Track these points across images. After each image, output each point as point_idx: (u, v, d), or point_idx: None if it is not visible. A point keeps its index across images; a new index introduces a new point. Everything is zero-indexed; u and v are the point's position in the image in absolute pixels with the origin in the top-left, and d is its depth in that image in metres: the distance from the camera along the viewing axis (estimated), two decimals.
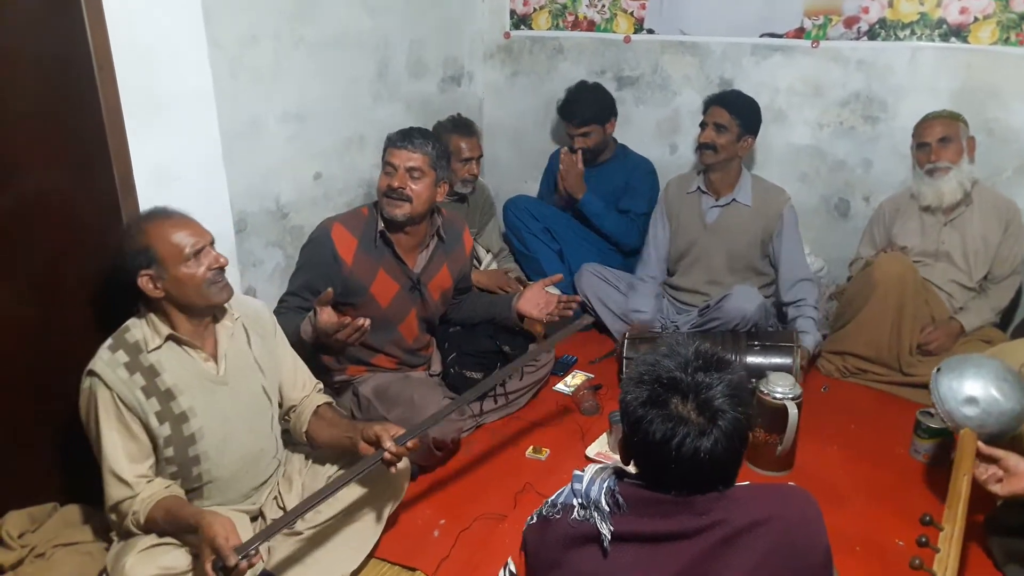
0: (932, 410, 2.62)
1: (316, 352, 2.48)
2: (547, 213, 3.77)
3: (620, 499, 1.37)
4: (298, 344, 2.34)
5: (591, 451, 2.68)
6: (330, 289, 2.28)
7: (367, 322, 2.29)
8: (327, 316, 2.27)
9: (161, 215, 1.88)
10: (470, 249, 2.91)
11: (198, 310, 1.92)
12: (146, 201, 2.23)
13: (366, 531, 2.17)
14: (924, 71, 3.30)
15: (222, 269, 1.91)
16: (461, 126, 3.45)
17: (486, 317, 2.92)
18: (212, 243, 1.92)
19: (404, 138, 2.55)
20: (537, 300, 2.82)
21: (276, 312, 2.48)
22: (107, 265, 1.86)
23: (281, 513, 2.08)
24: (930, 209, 3.13)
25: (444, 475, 2.60)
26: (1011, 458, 1.87)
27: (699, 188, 3.37)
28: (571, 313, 2.83)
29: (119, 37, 2.12)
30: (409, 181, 2.52)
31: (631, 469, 1.44)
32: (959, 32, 3.20)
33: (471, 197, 3.60)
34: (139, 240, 1.83)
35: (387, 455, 1.96)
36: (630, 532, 1.34)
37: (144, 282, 1.82)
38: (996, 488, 1.89)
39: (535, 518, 1.49)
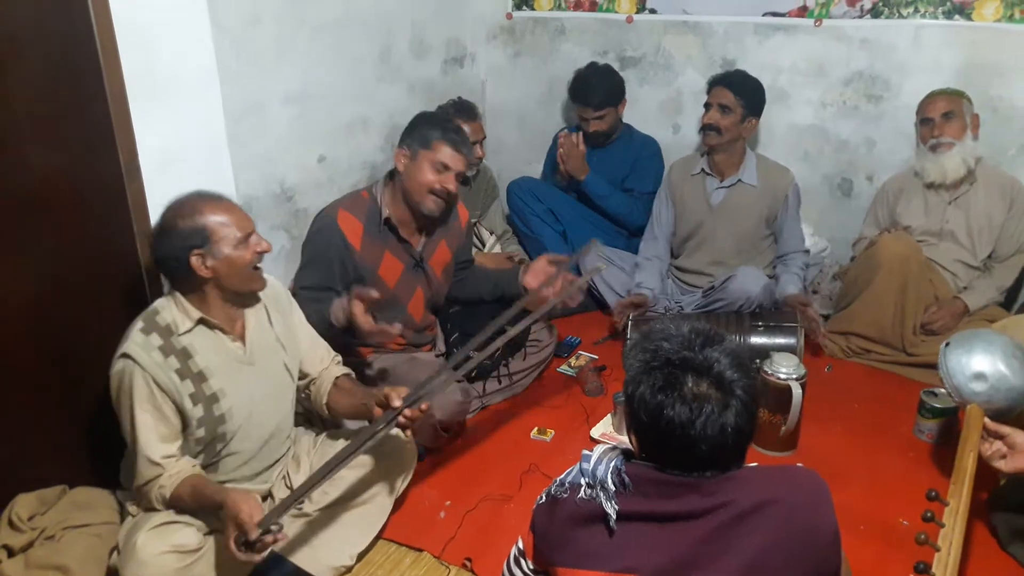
0: (936, 389, 2.63)
1: (340, 336, 2.47)
2: (550, 194, 3.77)
3: (626, 479, 1.36)
4: (324, 330, 2.37)
5: (596, 432, 2.69)
6: (375, 292, 2.31)
7: (398, 328, 2.35)
8: (363, 319, 2.30)
9: (213, 197, 1.91)
10: (466, 222, 2.92)
11: (237, 294, 1.96)
12: (151, 184, 2.23)
13: (373, 512, 2.19)
14: (928, 49, 3.28)
15: (262, 255, 1.95)
16: (464, 110, 3.43)
17: (494, 294, 2.91)
18: (255, 229, 1.96)
19: (463, 141, 2.56)
20: (542, 274, 2.81)
21: None
22: (156, 242, 1.90)
23: (289, 492, 2.10)
24: (934, 186, 3.12)
25: (450, 456, 2.61)
26: (1017, 435, 1.87)
27: (703, 170, 3.35)
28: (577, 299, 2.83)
29: (122, 19, 2.12)
30: (456, 182, 2.56)
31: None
32: (963, 9, 3.18)
33: (474, 180, 3.59)
34: (194, 219, 1.85)
35: (402, 419, 1.99)
36: (636, 512, 1.35)
37: (195, 261, 1.85)
38: (1000, 464, 1.89)
39: (544, 497, 1.49)
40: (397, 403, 1.98)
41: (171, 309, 1.91)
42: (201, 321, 1.91)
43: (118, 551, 1.89)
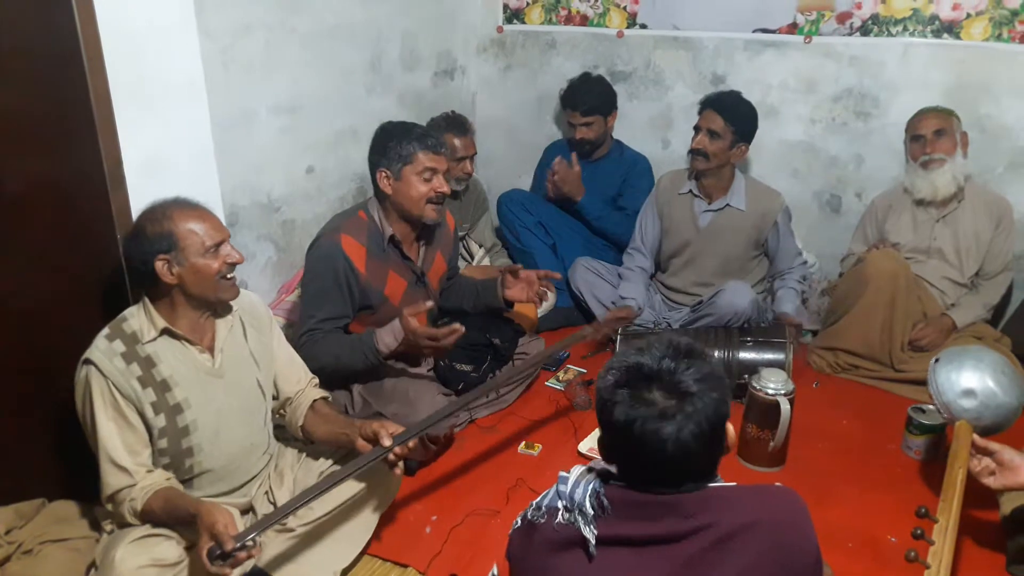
0: (924, 406, 2.63)
1: (382, 364, 2.53)
2: (541, 207, 3.76)
3: (605, 501, 1.33)
4: (355, 361, 2.47)
5: (583, 447, 2.67)
6: (427, 303, 2.42)
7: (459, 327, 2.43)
8: (426, 330, 2.39)
9: (186, 204, 1.90)
10: (453, 228, 2.92)
11: (205, 302, 1.93)
12: (136, 193, 2.21)
13: (359, 528, 2.15)
14: (916, 67, 3.30)
15: (234, 266, 1.92)
16: (455, 125, 3.43)
17: (475, 304, 2.92)
18: (228, 239, 1.93)
19: (438, 142, 2.56)
20: (527, 290, 2.82)
21: (310, 338, 2.48)
22: (125, 245, 1.90)
23: (272, 508, 2.07)
24: (924, 203, 3.14)
25: (436, 471, 2.59)
26: (1005, 452, 1.87)
27: (691, 191, 3.34)
28: (551, 290, 2.88)
29: (109, 27, 2.10)
30: (445, 181, 2.57)
31: (614, 469, 1.41)
32: (951, 28, 3.20)
33: (464, 193, 3.59)
34: (163, 224, 1.84)
35: (391, 456, 1.97)
36: (616, 536, 1.32)
37: (160, 266, 1.83)
38: (989, 481, 1.89)
39: (520, 522, 1.46)
40: (387, 442, 1.96)
41: (139, 317, 1.90)
42: (165, 331, 1.89)
43: (95, 567, 1.85)
